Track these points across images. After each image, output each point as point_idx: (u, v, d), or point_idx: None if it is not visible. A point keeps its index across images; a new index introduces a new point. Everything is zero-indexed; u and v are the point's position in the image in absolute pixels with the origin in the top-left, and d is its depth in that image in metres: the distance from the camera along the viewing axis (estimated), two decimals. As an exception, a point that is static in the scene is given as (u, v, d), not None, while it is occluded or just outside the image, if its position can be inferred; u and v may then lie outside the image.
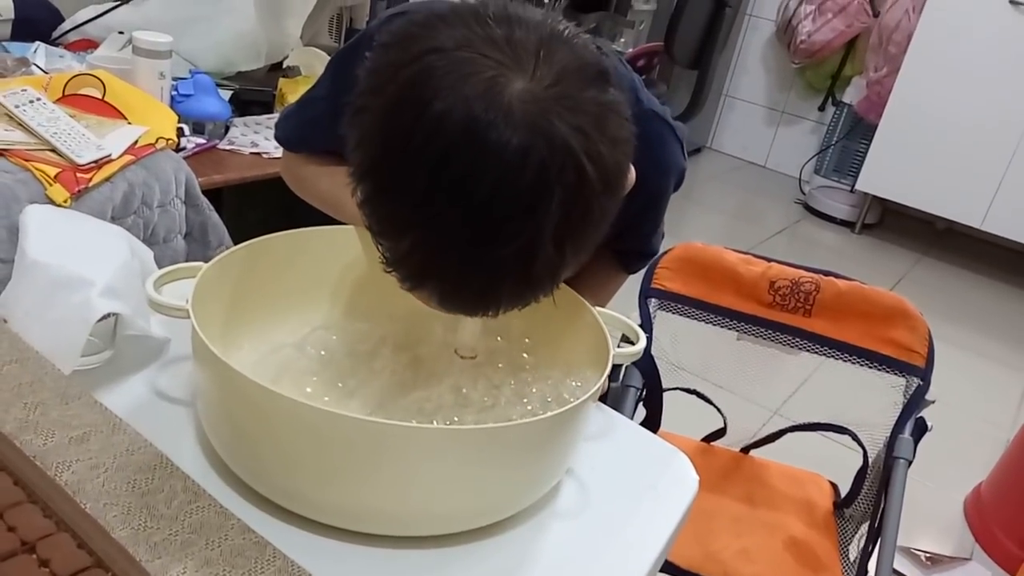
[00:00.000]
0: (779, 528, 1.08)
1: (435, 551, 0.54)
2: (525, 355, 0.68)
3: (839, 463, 1.20)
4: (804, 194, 3.63)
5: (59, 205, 1.11)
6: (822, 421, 1.12)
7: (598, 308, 0.66)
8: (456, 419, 0.62)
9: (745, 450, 1.21)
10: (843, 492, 1.14)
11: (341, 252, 0.72)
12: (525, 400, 0.64)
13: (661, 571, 0.65)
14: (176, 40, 1.51)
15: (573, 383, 0.64)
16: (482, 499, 0.55)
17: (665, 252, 1.07)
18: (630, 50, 2.89)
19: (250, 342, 0.65)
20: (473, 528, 0.56)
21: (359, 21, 2.17)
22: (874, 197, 3.30)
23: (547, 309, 0.69)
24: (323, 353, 0.65)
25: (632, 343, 0.65)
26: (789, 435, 1.18)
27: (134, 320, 0.62)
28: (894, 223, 3.51)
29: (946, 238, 3.48)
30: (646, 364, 1.03)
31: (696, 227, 3.29)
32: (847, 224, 3.42)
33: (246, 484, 0.54)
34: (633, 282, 1.08)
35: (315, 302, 0.70)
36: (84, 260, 0.61)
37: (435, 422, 0.61)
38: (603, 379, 0.57)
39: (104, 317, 0.60)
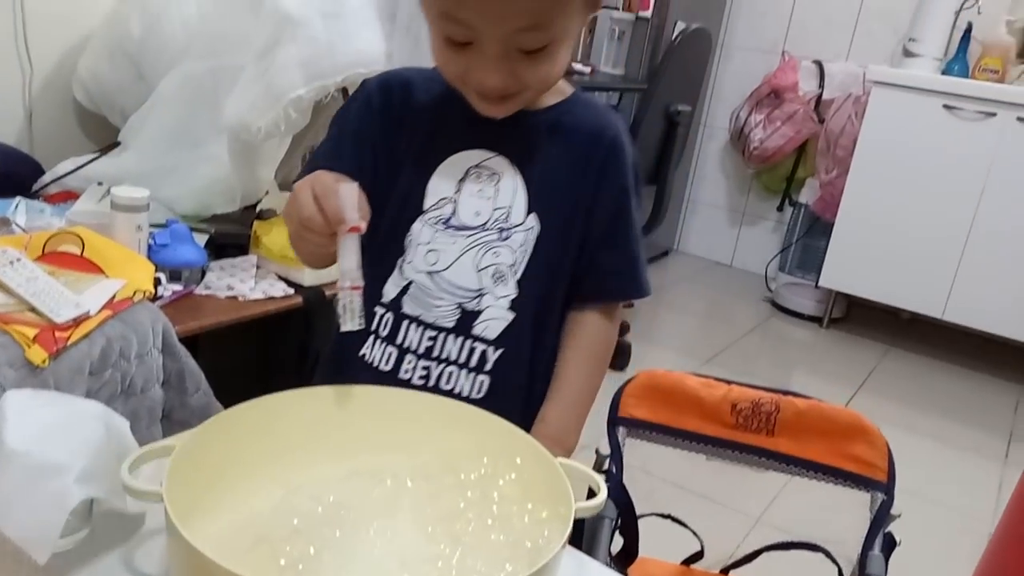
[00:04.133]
0: (763, 651, 1.08)
1: None
2: (494, 508, 0.70)
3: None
4: (771, 291, 3.72)
5: (37, 366, 1.14)
6: (794, 540, 1.13)
7: (562, 459, 0.69)
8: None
9: (725, 571, 1.22)
10: (824, 608, 1.14)
11: (310, 415, 0.75)
12: (490, 556, 0.66)
13: None
14: (154, 187, 1.57)
15: (539, 536, 0.66)
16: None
17: (628, 381, 1.11)
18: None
19: (227, 511, 0.67)
20: None
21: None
22: (838, 292, 3.39)
23: (512, 460, 0.72)
24: (295, 522, 0.67)
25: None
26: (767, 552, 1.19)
27: (110, 500, 0.64)
28: (861, 316, 3.60)
29: (912, 328, 3.56)
30: (619, 494, 1.05)
31: (668, 331, 3.35)
32: (815, 319, 3.50)
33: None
34: (600, 412, 1.11)
35: (287, 466, 0.73)
36: (61, 445, 0.64)
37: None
38: (566, 538, 0.60)
39: (81, 499, 0.62)
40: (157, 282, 1.44)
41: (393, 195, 0.90)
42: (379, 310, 0.92)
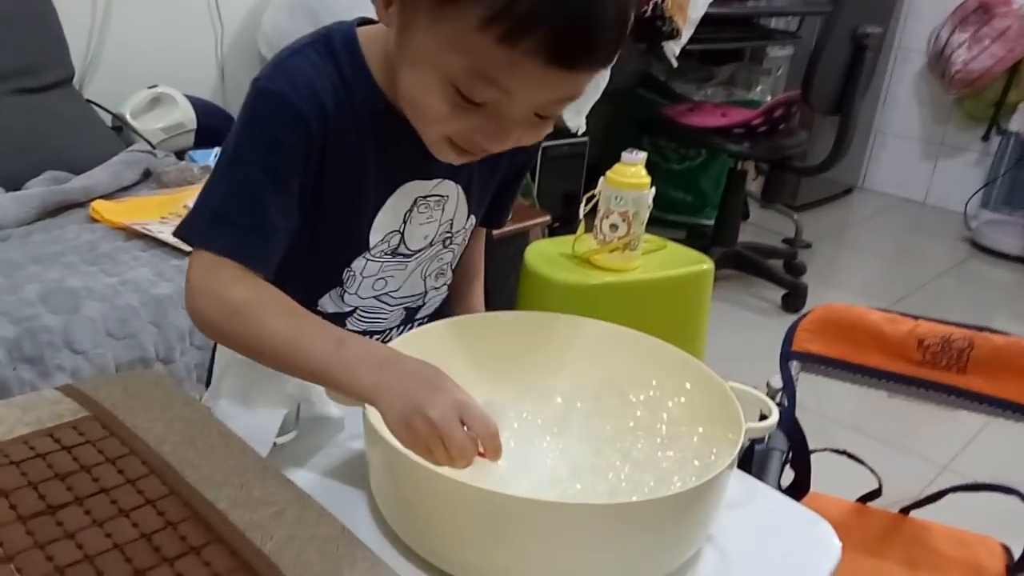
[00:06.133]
0: (946, 595, 1.04)
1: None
2: (663, 428, 0.72)
3: (1014, 524, 1.13)
4: (971, 230, 3.42)
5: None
6: (987, 481, 1.07)
7: (733, 384, 0.69)
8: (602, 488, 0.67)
9: (905, 511, 1.17)
10: (1016, 555, 1.07)
11: (480, 338, 0.79)
12: (658, 471, 0.68)
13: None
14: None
15: (708, 455, 0.68)
16: (627, 569, 0.60)
17: (804, 315, 1.08)
18: (768, 98, 2.88)
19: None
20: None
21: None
22: (1052, 229, 3.06)
23: (681, 384, 0.74)
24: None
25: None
26: (954, 495, 1.13)
27: (316, 405, 0.73)
28: (1078, 255, 3.23)
29: None
30: (790, 427, 1.04)
31: (850, 273, 3.17)
32: (1022, 260, 3.18)
33: (417, 554, 0.62)
34: (774, 345, 1.10)
35: (465, 384, 0.78)
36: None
37: (578, 485, 0.67)
38: (735, 456, 0.61)
39: (292, 404, 0.70)
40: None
41: (324, 235, 0.78)
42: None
